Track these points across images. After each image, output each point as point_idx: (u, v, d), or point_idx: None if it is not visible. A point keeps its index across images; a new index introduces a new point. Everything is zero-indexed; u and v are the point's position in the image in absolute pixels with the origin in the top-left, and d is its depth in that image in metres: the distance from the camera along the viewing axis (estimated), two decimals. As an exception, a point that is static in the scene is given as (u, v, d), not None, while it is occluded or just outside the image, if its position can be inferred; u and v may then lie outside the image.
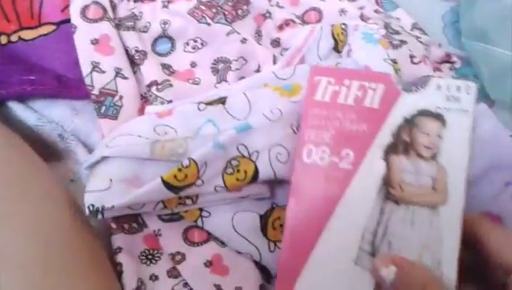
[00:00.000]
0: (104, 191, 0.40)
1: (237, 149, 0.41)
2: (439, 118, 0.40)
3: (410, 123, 0.40)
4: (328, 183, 0.39)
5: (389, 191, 0.38)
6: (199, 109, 0.43)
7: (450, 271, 0.36)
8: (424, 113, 0.40)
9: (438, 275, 0.35)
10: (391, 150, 0.40)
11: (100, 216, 0.39)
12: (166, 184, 0.39)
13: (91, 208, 0.39)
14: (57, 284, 0.33)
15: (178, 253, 0.42)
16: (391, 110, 0.40)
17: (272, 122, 0.41)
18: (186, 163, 0.39)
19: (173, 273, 0.41)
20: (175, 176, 0.39)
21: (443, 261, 0.36)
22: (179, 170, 0.39)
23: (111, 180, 0.40)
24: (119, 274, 0.40)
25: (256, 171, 0.40)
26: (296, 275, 0.37)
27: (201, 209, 0.43)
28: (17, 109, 0.47)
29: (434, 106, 0.40)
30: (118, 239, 0.42)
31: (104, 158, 0.41)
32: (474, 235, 0.35)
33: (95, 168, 0.42)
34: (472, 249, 0.35)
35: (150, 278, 0.41)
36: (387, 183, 0.39)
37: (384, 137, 0.40)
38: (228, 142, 0.40)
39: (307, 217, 0.38)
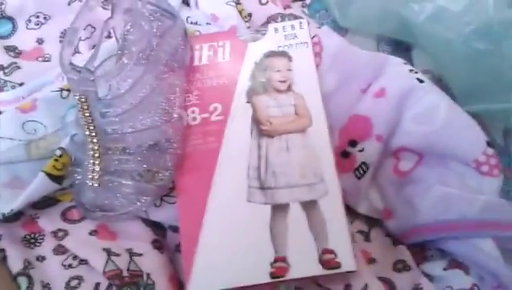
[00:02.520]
0: None
1: None
2: (284, 54, 0.45)
3: (261, 66, 0.45)
4: (205, 138, 0.42)
5: (260, 128, 0.42)
6: (62, 97, 0.43)
7: (331, 178, 0.40)
8: (270, 54, 0.45)
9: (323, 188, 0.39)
10: (252, 92, 0.44)
11: None
12: (49, 175, 0.40)
13: None
14: None
15: (59, 230, 0.42)
16: (243, 60, 0.45)
17: None
18: (58, 153, 0.41)
19: (59, 250, 0.41)
20: (54, 167, 0.40)
21: (324, 173, 0.40)
22: (56, 160, 0.40)
23: None
24: (4, 259, 0.39)
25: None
26: (197, 231, 0.39)
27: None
28: None
29: (276, 46, 0.46)
30: (-3, 228, 0.41)
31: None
32: None
33: None
34: None
35: (37, 259, 0.40)
36: (257, 122, 0.42)
37: (243, 83, 0.44)
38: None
39: (195, 176, 0.41)
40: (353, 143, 0.44)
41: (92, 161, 0.36)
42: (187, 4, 0.53)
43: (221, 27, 0.50)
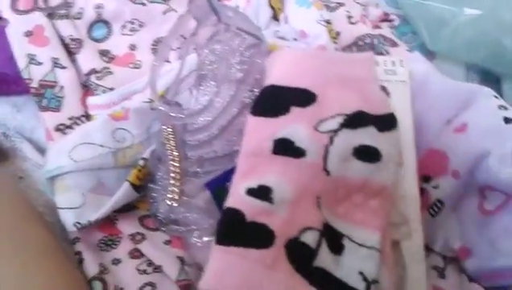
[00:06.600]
0: (80, 207, 0.41)
1: None
2: (383, 89, 0.43)
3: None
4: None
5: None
6: (151, 107, 0.44)
7: (416, 221, 0.39)
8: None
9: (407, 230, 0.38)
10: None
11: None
12: (132, 185, 0.41)
13: (78, 225, 0.40)
14: (9, 270, 0.34)
15: (137, 233, 0.42)
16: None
17: None
18: (142, 162, 0.42)
19: (135, 254, 0.41)
20: (137, 177, 0.41)
21: (409, 215, 0.39)
22: (139, 170, 0.41)
23: (83, 193, 0.42)
24: (80, 262, 0.40)
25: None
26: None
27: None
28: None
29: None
30: (75, 230, 0.41)
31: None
32: None
33: (60, 179, 0.42)
34: None
35: (113, 263, 0.41)
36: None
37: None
38: None
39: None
40: (427, 179, 0.42)
41: (172, 182, 0.37)
42: (277, 19, 0.53)
43: (309, 45, 0.49)
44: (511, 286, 0.40)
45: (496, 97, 0.44)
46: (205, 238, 0.40)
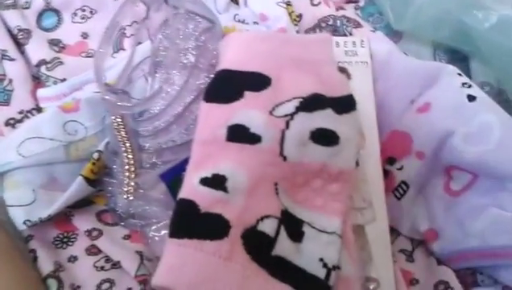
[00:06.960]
0: (31, 204, 0.40)
1: None
2: (343, 71, 0.43)
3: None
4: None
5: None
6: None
7: (380, 204, 0.39)
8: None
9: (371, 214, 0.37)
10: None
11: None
12: (86, 179, 0.40)
13: (28, 223, 0.39)
14: None
15: (94, 229, 0.41)
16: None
17: None
18: (96, 155, 0.40)
19: (92, 251, 0.40)
20: (91, 170, 0.40)
21: (372, 199, 0.38)
22: (93, 164, 0.40)
23: (33, 190, 0.40)
24: (34, 260, 0.39)
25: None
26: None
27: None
28: None
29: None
30: (28, 228, 0.40)
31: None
32: None
33: (9, 176, 0.41)
34: None
35: (69, 260, 0.40)
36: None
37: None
38: None
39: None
40: (391, 161, 0.42)
41: (127, 174, 0.36)
42: (236, 2, 0.52)
43: (269, 28, 0.48)
44: (480, 267, 0.40)
45: (460, 74, 0.44)
46: (163, 232, 0.39)
